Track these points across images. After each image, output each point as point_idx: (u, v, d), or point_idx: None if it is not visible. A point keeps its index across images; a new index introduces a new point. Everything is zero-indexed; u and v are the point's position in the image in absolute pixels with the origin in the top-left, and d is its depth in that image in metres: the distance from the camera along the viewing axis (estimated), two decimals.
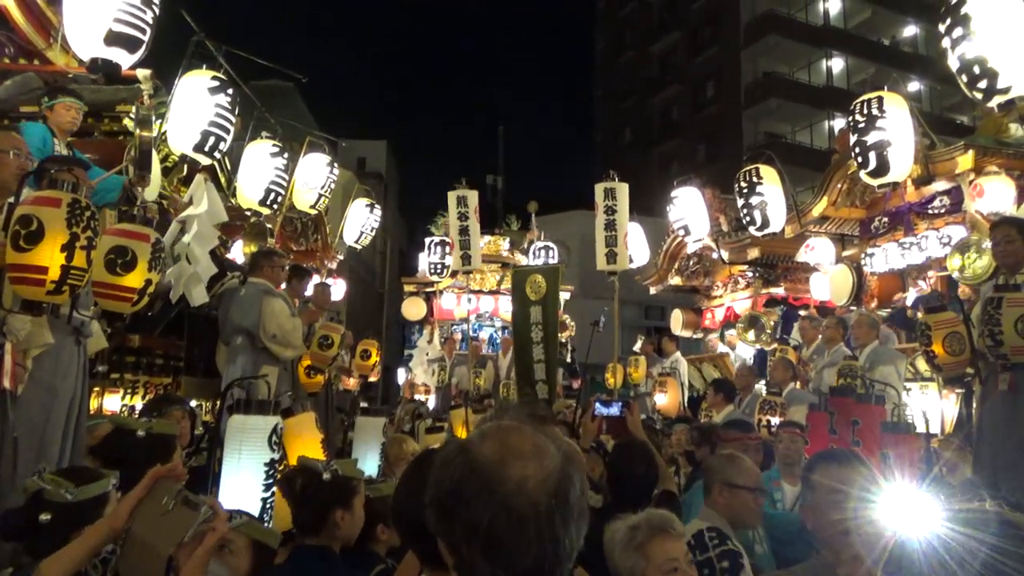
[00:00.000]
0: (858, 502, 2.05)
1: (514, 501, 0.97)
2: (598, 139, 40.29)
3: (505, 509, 0.96)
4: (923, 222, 7.32)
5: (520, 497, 0.97)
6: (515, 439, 1.03)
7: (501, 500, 0.97)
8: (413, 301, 14.46)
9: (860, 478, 2.13)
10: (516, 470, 0.99)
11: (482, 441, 1.04)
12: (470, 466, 1.01)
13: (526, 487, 0.98)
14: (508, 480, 0.98)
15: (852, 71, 29.99)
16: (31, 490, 2.02)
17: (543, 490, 0.98)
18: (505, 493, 0.97)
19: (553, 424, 3.17)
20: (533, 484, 0.98)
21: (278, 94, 17.04)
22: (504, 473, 0.98)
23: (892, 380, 5.77)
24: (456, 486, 1.01)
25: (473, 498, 0.98)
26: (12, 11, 4.54)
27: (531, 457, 1.00)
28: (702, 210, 9.41)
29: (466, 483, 1.00)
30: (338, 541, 2.31)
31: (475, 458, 1.01)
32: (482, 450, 1.02)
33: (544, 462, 1.00)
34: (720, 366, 9.87)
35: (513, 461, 0.99)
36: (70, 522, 1.98)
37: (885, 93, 6.07)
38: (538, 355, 7.12)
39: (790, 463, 4.47)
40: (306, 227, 9.91)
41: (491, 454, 1.01)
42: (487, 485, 0.98)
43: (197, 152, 5.15)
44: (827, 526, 2.11)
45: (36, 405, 3.09)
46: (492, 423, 1.09)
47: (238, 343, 5.17)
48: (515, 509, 0.96)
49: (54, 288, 2.62)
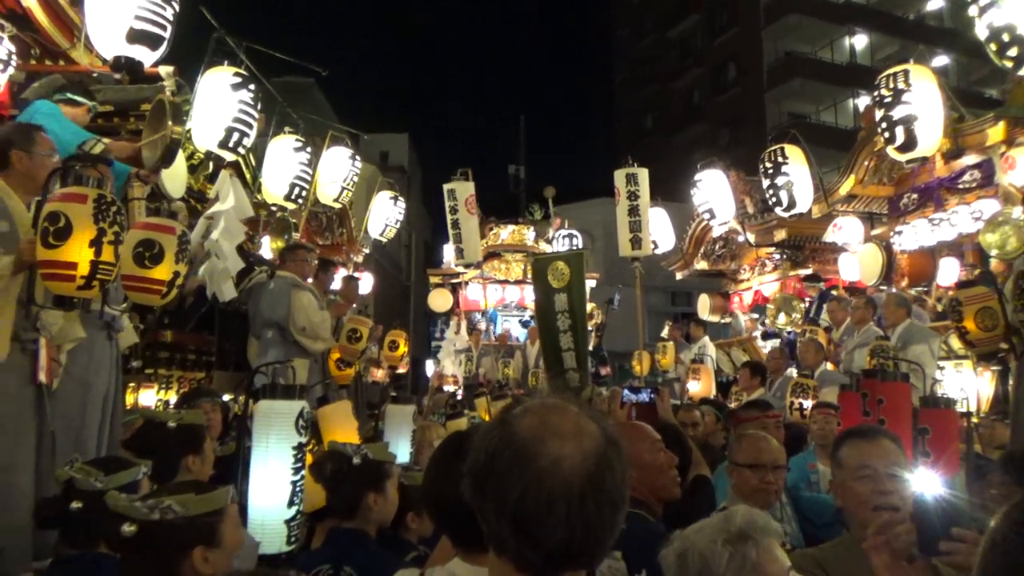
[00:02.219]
0: (886, 478, 2.03)
1: (547, 479, 0.95)
2: (619, 127, 40.04)
3: (537, 486, 0.95)
4: (953, 197, 7.18)
5: (553, 475, 0.95)
6: (557, 417, 1.02)
7: (534, 476, 0.96)
8: (439, 292, 14.51)
9: (888, 453, 2.11)
10: (553, 447, 0.97)
11: (523, 416, 1.03)
12: (507, 439, 1.00)
13: (561, 466, 0.96)
14: (543, 457, 0.96)
15: (876, 48, 29.45)
16: (62, 479, 2.06)
17: (578, 471, 0.96)
18: (538, 470, 0.96)
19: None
20: (569, 464, 0.96)
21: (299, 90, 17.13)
22: (539, 449, 0.97)
23: (925, 359, 5.67)
24: (491, 458, 1.00)
25: (506, 471, 0.97)
26: (36, 12, 4.60)
27: (570, 436, 0.99)
28: (727, 193, 9.30)
29: (501, 455, 0.99)
30: (373, 524, 2.35)
31: (513, 431, 1.00)
32: (522, 424, 1.01)
33: (583, 443, 0.99)
34: (749, 349, 9.79)
35: (551, 438, 0.98)
36: (101, 510, 2.02)
37: (911, 66, 5.95)
38: (566, 343, 7.07)
39: (825, 444, 4.42)
40: (331, 221, 9.97)
41: (529, 429, 1.00)
42: (521, 460, 0.97)
43: (222, 148, 5.18)
44: (855, 502, 2.09)
45: (72, 399, 3.15)
46: (538, 399, 1.08)
47: (269, 336, 5.23)
48: (547, 487, 0.95)
49: (84, 283, 2.64)
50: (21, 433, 2.87)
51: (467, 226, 8.03)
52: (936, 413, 2.99)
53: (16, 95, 4.96)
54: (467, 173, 8.20)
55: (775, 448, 2.76)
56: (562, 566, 0.98)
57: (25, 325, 2.88)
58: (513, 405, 1.10)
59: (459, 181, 8.05)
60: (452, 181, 8.07)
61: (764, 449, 2.72)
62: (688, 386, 8.60)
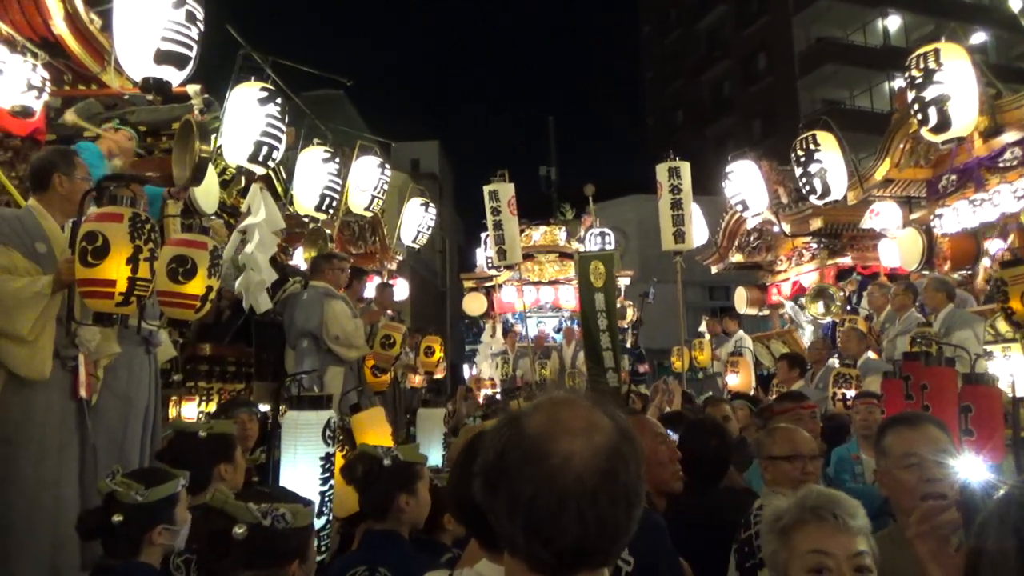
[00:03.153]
0: (933, 465, 1.96)
1: (558, 476, 0.93)
2: (650, 123, 39.78)
3: (548, 484, 0.93)
4: (994, 176, 6.96)
5: (564, 473, 0.94)
6: (566, 412, 0.99)
7: (544, 474, 0.94)
8: (473, 296, 14.55)
9: (934, 440, 2.04)
10: (563, 444, 0.95)
11: (533, 413, 1.01)
12: (517, 437, 0.98)
13: (572, 463, 0.94)
14: (553, 454, 0.95)
15: (910, 28, 28.76)
16: (104, 491, 2.11)
17: (590, 467, 0.94)
18: (549, 467, 0.94)
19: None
20: (579, 460, 0.94)
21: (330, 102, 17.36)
22: (549, 447, 0.95)
23: (970, 345, 5.51)
24: (500, 457, 0.98)
25: (516, 470, 0.96)
26: (67, 39, 4.74)
27: (580, 432, 0.97)
28: (759, 183, 9.16)
29: (511, 454, 0.97)
30: (405, 526, 2.35)
31: (523, 429, 0.98)
32: (531, 421, 0.99)
33: (594, 438, 0.96)
34: (789, 341, 9.63)
35: (561, 435, 0.96)
36: (141, 522, 2.06)
37: (942, 44, 5.79)
38: (605, 343, 7.07)
39: (868, 435, 4.33)
40: (364, 230, 10.08)
41: (539, 426, 0.98)
42: (531, 458, 0.95)
43: (252, 163, 5.26)
44: (902, 492, 2.03)
45: (114, 414, 3.24)
46: (548, 396, 1.06)
47: (304, 346, 5.31)
48: (558, 485, 0.93)
49: (122, 300, 2.71)
50: (65, 448, 2.96)
51: (509, 227, 8.03)
52: (979, 390, 2.90)
53: (53, 120, 5.12)
54: (505, 174, 8.18)
55: (809, 438, 2.71)
56: (576, 565, 0.96)
57: (65, 342, 2.98)
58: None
59: (500, 182, 8.04)
60: (492, 182, 8.06)
61: (800, 440, 2.66)
62: (727, 379, 8.50)
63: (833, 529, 1.59)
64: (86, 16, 4.73)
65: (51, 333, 2.87)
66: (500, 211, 7.92)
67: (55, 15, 4.55)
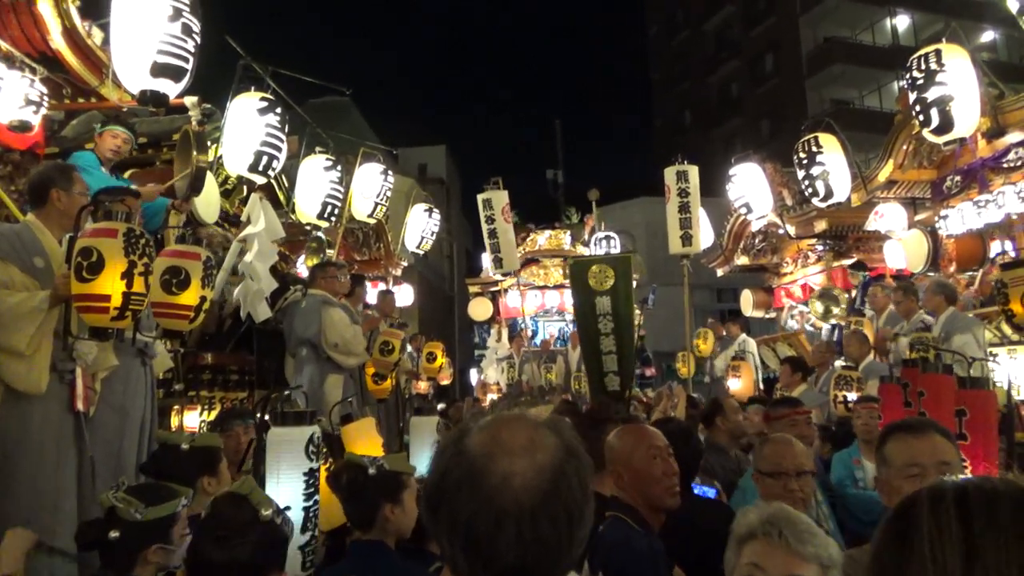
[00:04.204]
0: (936, 477, 1.94)
1: (496, 497, 0.93)
2: (657, 124, 39.68)
3: (487, 505, 0.93)
4: (999, 177, 6.92)
5: (503, 493, 0.93)
6: (508, 432, 0.98)
7: (484, 495, 0.93)
8: (479, 301, 14.57)
9: (939, 450, 1.98)
10: (502, 464, 0.94)
11: (477, 432, 1.00)
12: (458, 457, 0.97)
13: (511, 483, 0.93)
14: (492, 474, 0.94)
15: (919, 27, 28.58)
16: (106, 505, 2.12)
17: (531, 488, 0.93)
18: (487, 488, 0.93)
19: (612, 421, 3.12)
20: (520, 481, 0.93)
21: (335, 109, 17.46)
22: (489, 467, 0.94)
23: (970, 349, 5.46)
24: (442, 477, 0.98)
25: (455, 491, 0.95)
26: (66, 54, 4.79)
27: (522, 452, 0.96)
28: (763, 186, 9.12)
29: (451, 474, 0.96)
30: (391, 536, 2.35)
31: (464, 449, 0.98)
32: (473, 441, 0.98)
33: (536, 457, 0.95)
34: (795, 344, 9.59)
35: (500, 455, 0.95)
36: (137, 540, 2.07)
37: (943, 45, 5.74)
38: (608, 346, 7.01)
39: (869, 439, 4.31)
40: (368, 236, 10.11)
41: (480, 446, 0.97)
42: (470, 478, 0.94)
43: (252, 172, 5.29)
44: None
45: (110, 426, 3.27)
46: (497, 414, 1.04)
47: (303, 354, 5.33)
48: (497, 506, 0.92)
49: (117, 314, 2.73)
50: (63, 460, 2.98)
51: (504, 235, 7.99)
52: (973, 394, 2.87)
53: (55, 133, 5.17)
54: (499, 182, 8.16)
55: (799, 452, 2.63)
56: None
57: (62, 356, 3.00)
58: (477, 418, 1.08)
59: (493, 190, 8.03)
60: (486, 191, 8.06)
61: (786, 455, 2.60)
62: (729, 384, 8.47)
63: (776, 547, 1.56)
64: (84, 31, 4.79)
65: (48, 347, 2.89)
66: (495, 219, 7.92)
67: (53, 30, 4.60)
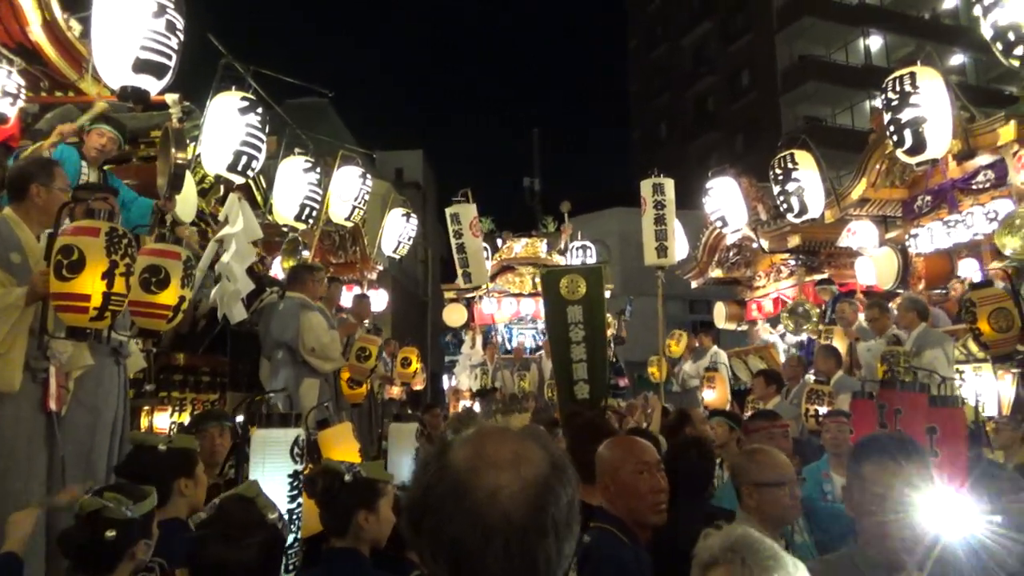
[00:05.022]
0: (909, 505, 1.87)
1: (483, 513, 0.90)
2: (634, 136, 39.99)
3: (472, 521, 0.90)
4: (968, 198, 7.10)
5: (490, 509, 0.90)
6: (493, 446, 0.96)
7: (469, 511, 0.90)
8: (454, 307, 14.53)
9: (917, 480, 1.91)
10: (488, 479, 0.92)
11: (460, 446, 0.97)
12: (441, 472, 0.94)
13: (498, 498, 0.91)
14: (478, 490, 0.91)
15: (891, 48, 29.18)
16: (89, 509, 2.06)
17: (518, 502, 0.91)
18: (474, 503, 0.91)
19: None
20: (507, 495, 0.91)
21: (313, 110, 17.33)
22: (475, 482, 0.92)
23: (939, 365, 5.57)
24: (425, 492, 0.95)
25: (440, 507, 0.92)
26: (44, 47, 4.71)
27: (507, 466, 0.93)
28: (739, 200, 9.23)
29: (434, 489, 0.93)
30: (365, 543, 2.33)
31: (448, 463, 0.95)
32: (457, 455, 0.95)
33: (523, 471, 0.93)
34: (766, 357, 9.69)
35: (486, 469, 0.93)
36: (129, 536, 2.05)
37: (918, 68, 5.88)
38: (578, 355, 7.04)
39: (838, 453, 4.35)
40: (344, 239, 10.06)
41: (464, 460, 0.94)
42: (455, 494, 0.92)
43: (231, 172, 5.25)
44: (872, 527, 1.94)
45: (81, 425, 3.20)
46: (478, 427, 1.02)
47: (279, 357, 5.26)
48: (484, 522, 0.90)
49: (96, 314, 2.67)
50: (33, 460, 2.92)
51: (473, 249, 7.89)
52: (944, 412, 2.92)
53: (29, 126, 5.08)
54: (467, 194, 8.07)
55: (787, 460, 2.63)
56: None
57: (36, 354, 2.93)
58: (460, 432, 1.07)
59: (461, 204, 7.93)
60: (454, 204, 7.97)
61: (782, 463, 2.56)
62: (704, 394, 8.53)
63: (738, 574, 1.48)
64: (64, 23, 4.71)
65: (23, 345, 2.82)
66: (463, 234, 7.85)
67: (33, 22, 4.52)
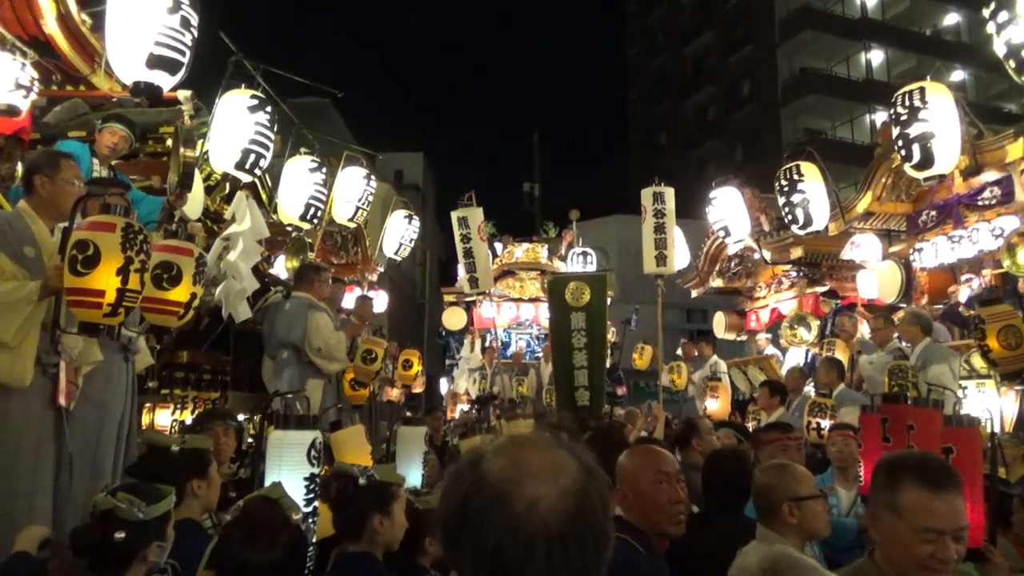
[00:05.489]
0: (952, 547, 1.78)
1: (524, 523, 0.90)
2: (633, 143, 40.10)
3: (513, 532, 0.90)
4: (973, 214, 7.10)
5: (531, 519, 0.90)
6: (528, 454, 0.96)
7: (510, 522, 0.90)
8: (453, 311, 14.48)
9: (958, 514, 1.82)
10: (527, 489, 0.92)
11: (494, 456, 0.97)
12: (479, 483, 0.94)
13: (538, 508, 0.90)
14: (518, 499, 0.91)
15: (892, 63, 29.38)
16: (102, 508, 2.05)
17: (557, 512, 0.91)
18: (514, 514, 0.90)
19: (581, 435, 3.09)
20: (546, 505, 0.91)
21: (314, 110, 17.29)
22: (514, 492, 0.91)
23: (946, 380, 5.58)
24: (463, 505, 0.94)
25: (479, 518, 0.92)
26: (58, 39, 4.68)
27: (545, 475, 0.93)
28: (742, 210, 9.25)
29: (472, 501, 0.93)
30: (379, 547, 2.32)
31: (484, 474, 0.94)
32: (492, 466, 0.95)
33: (560, 481, 0.93)
34: (766, 368, 9.69)
35: (524, 479, 0.92)
36: (140, 540, 2.02)
37: (927, 83, 5.88)
38: (580, 361, 7.04)
39: (844, 467, 4.35)
40: (346, 240, 10.03)
41: (501, 470, 0.94)
42: (495, 505, 0.91)
43: (239, 170, 5.22)
44: (905, 559, 1.84)
45: (88, 422, 3.17)
46: (509, 436, 1.03)
47: (284, 357, 5.23)
48: (525, 532, 0.89)
49: (110, 311, 2.64)
50: (42, 457, 2.88)
51: (480, 254, 7.88)
52: (960, 432, 2.90)
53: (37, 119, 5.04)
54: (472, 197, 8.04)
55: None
56: None
57: (47, 349, 2.90)
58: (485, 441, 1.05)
59: (468, 208, 7.90)
60: (460, 208, 7.93)
61: (809, 477, 2.54)
62: (706, 404, 8.52)
63: None
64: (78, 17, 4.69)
65: (35, 340, 2.79)
66: (470, 238, 7.81)
67: (47, 15, 4.50)
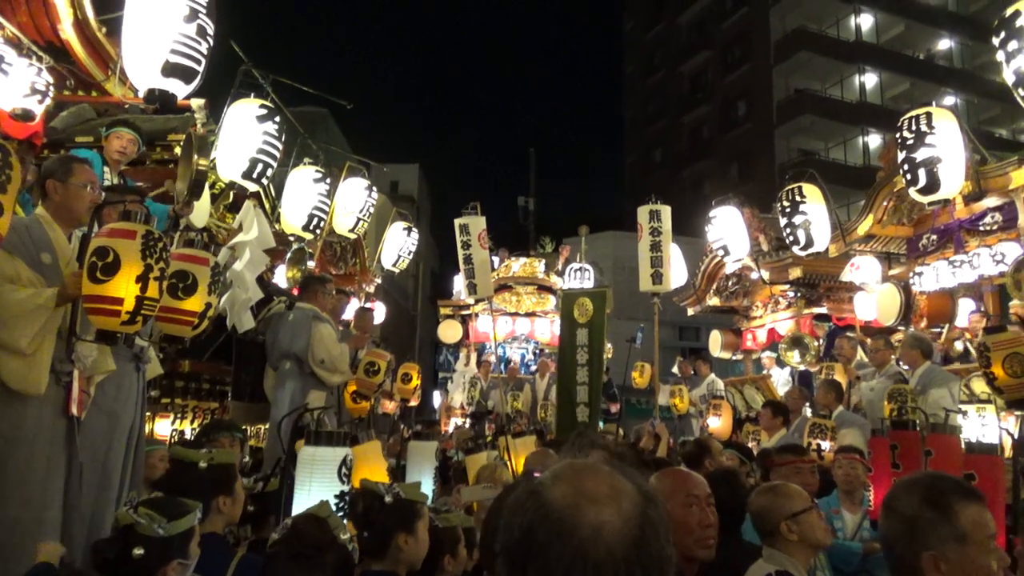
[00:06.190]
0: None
1: (590, 550, 0.90)
2: (629, 160, 40.29)
3: (581, 559, 0.90)
4: (974, 239, 7.14)
5: (597, 545, 0.90)
6: (590, 480, 0.97)
7: (576, 548, 0.90)
8: (449, 324, 14.44)
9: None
10: (591, 515, 0.92)
11: (554, 483, 0.97)
12: (542, 512, 0.94)
13: (603, 534, 0.91)
14: (583, 526, 0.92)
15: (886, 86, 29.69)
16: (124, 523, 2.03)
17: (622, 537, 0.92)
18: (580, 541, 0.91)
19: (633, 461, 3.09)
20: (610, 531, 0.91)
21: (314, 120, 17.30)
22: (578, 519, 0.92)
23: (946, 403, 5.60)
24: (527, 533, 0.94)
25: (545, 547, 0.92)
26: (74, 45, 4.67)
27: (608, 501, 0.94)
28: (741, 229, 9.26)
29: (538, 530, 0.93)
30: (403, 566, 2.30)
31: (547, 502, 0.95)
32: (554, 493, 0.95)
33: (623, 506, 0.94)
34: (763, 388, 9.69)
35: (588, 505, 0.93)
36: (159, 557, 2.00)
37: (934, 109, 5.90)
38: (582, 377, 7.08)
39: (850, 490, 4.34)
40: (344, 251, 10.00)
41: (564, 497, 0.95)
42: (560, 532, 0.92)
43: (246, 179, 5.19)
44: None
45: (99, 431, 3.13)
46: (565, 462, 1.03)
47: (286, 368, 5.21)
48: (591, 559, 0.90)
49: (128, 319, 2.60)
50: (53, 467, 2.85)
51: (480, 260, 7.92)
52: (982, 459, 2.90)
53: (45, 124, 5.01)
54: (476, 207, 8.09)
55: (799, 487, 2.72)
56: None
57: (61, 357, 2.87)
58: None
59: (471, 216, 7.93)
60: (463, 216, 7.96)
61: (800, 488, 2.67)
62: (708, 422, 8.50)
63: None
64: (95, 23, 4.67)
65: (50, 347, 2.76)
66: (471, 244, 7.84)
67: (64, 20, 4.48)
